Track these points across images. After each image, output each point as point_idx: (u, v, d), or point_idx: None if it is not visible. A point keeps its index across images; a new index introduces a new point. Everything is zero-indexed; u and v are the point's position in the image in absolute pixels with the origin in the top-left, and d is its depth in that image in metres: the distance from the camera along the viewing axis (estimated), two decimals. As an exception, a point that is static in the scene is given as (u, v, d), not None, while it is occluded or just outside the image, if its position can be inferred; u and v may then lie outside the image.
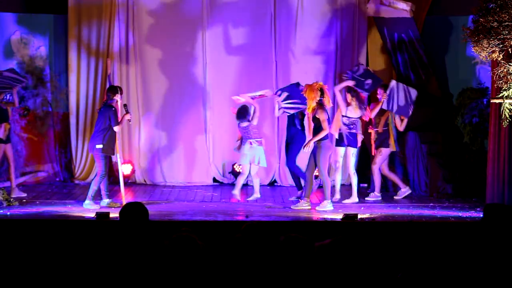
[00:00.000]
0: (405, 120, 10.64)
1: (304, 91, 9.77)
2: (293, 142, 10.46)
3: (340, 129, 10.41)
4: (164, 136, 12.15)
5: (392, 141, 10.59)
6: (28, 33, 12.06)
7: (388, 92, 10.48)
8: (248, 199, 10.35)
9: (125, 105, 10.06)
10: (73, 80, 11.99)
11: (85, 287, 4.14)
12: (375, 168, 10.65)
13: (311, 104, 9.68)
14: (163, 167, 12.16)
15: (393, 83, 10.63)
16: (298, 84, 10.45)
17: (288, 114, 10.45)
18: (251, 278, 3.95)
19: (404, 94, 10.53)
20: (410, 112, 10.54)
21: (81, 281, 4.13)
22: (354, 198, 10.37)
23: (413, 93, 10.62)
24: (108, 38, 11.93)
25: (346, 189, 11.39)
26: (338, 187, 10.54)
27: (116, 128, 9.71)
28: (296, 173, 10.53)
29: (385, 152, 10.62)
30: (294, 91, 10.34)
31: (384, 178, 10.92)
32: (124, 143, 12.00)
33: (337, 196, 10.48)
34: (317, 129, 9.65)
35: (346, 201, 10.33)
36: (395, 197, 10.72)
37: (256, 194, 10.28)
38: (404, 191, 10.73)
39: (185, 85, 12.08)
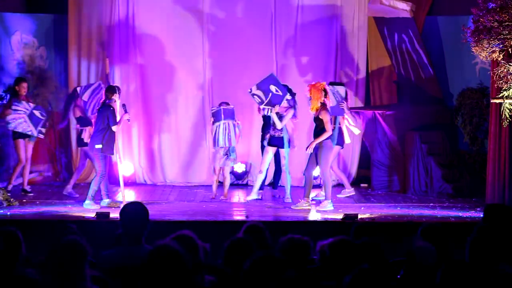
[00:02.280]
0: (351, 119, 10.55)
1: (309, 90, 9.78)
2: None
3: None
4: (164, 136, 12.14)
5: (346, 137, 10.60)
6: (28, 33, 12.06)
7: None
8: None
9: (124, 105, 10.06)
10: (73, 80, 11.99)
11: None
12: (334, 167, 10.63)
13: (316, 104, 9.68)
14: (163, 167, 12.16)
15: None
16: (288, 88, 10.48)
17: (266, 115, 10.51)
18: (252, 279, 3.95)
19: (332, 95, 10.22)
20: (345, 110, 10.31)
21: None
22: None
23: (341, 90, 10.42)
24: (108, 38, 11.93)
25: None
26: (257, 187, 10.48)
27: (114, 128, 9.71)
28: (280, 172, 10.81)
29: (336, 150, 10.49)
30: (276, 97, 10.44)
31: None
32: (124, 143, 11.98)
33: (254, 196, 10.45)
34: (320, 130, 9.64)
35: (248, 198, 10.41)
36: (338, 195, 10.72)
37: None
38: (349, 191, 10.76)
39: (185, 85, 12.08)
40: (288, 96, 10.25)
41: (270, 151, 10.38)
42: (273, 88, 10.29)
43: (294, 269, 4.28)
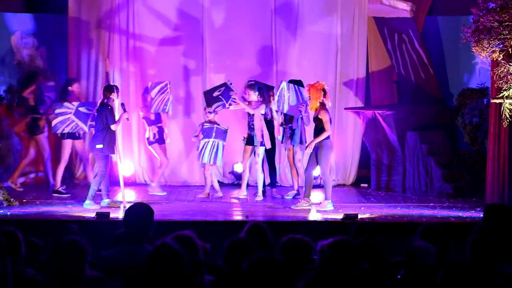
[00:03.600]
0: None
1: (308, 90, 9.78)
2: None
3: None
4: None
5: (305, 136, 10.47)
6: (28, 33, 12.06)
7: (277, 93, 10.24)
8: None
9: (122, 104, 10.08)
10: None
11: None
12: (300, 166, 10.50)
13: (315, 104, 9.69)
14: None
15: (282, 84, 10.30)
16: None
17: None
18: (251, 279, 3.95)
19: (295, 94, 10.18)
20: (302, 112, 10.18)
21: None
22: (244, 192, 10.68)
23: (304, 92, 10.19)
24: (109, 38, 11.93)
25: (347, 188, 11.48)
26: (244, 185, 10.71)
27: (113, 127, 9.70)
28: (275, 171, 11.07)
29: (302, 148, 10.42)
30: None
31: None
32: (124, 143, 11.97)
33: (244, 193, 10.65)
34: (319, 129, 9.64)
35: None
36: (285, 196, 10.71)
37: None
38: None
39: (185, 84, 12.08)
40: (255, 95, 10.38)
41: (248, 149, 10.52)
42: (216, 93, 10.52)
43: (294, 269, 4.28)
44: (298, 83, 10.44)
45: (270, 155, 10.88)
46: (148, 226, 4.86)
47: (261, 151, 10.42)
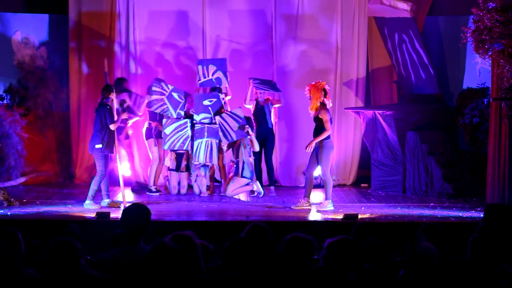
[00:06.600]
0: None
1: (308, 90, 9.79)
2: (268, 140, 10.87)
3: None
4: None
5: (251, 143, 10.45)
6: (28, 33, 12.06)
7: (218, 129, 10.40)
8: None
9: (121, 104, 10.03)
10: (73, 80, 11.98)
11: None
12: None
13: (315, 104, 9.69)
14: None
15: (216, 119, 10.43)
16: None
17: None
18: (253, 278, 3.95)
19: (232, 119, 10.37)
20: (246, 130, 10.24)
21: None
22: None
23: (239, 112, 10.44)
24: (109, 38, 11.93)
25: (347, 188, 11.49)
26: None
27: (112, 126, 9.70)
28: (272, 168, 11.05)
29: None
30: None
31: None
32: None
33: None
34: (319, 129, 9.65)
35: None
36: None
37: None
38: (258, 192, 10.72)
39: (185, 84, 12.06)
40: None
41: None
42: (206, 102, 10.60)
43: (297, 268, 4.28)
44: (268, 83, 10.93)
45: (267, 154, 10.89)
46: (144, 226, 4.87)
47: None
